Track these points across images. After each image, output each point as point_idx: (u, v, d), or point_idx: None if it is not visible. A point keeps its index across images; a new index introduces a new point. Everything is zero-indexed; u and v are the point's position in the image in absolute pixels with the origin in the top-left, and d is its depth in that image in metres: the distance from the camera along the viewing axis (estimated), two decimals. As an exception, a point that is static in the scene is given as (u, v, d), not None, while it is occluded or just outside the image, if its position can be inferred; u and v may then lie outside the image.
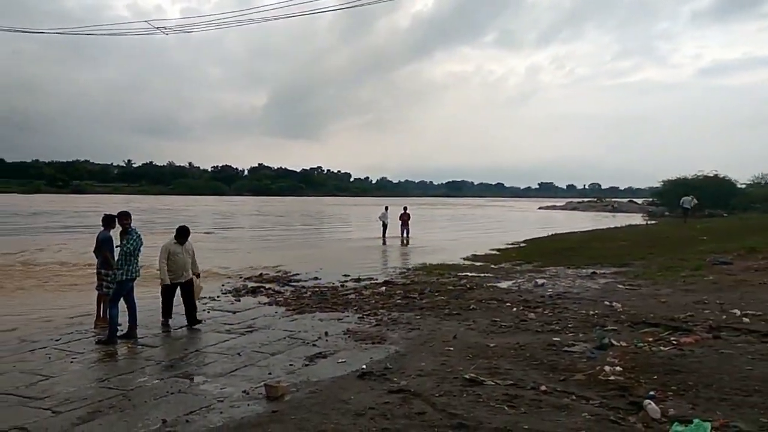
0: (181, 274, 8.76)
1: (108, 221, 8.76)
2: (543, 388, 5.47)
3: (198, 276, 9.21)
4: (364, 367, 6.33)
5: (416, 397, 5.27)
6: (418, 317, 9.14)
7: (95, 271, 8.88)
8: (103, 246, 8.60)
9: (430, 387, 5.55)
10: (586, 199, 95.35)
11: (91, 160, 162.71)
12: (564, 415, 4.77)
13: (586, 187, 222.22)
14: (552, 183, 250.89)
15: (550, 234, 29.00)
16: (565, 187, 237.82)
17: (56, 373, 6.29)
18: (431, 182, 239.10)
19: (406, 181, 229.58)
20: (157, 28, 19.77)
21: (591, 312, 9.25)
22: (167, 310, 8.86)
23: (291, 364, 6.59)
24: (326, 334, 8.04)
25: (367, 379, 5.91)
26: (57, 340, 7.68)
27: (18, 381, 5.95)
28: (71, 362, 6.75)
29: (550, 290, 11.75)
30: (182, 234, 8.83)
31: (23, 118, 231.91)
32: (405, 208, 26.58)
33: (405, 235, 26.11)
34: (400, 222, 26.37)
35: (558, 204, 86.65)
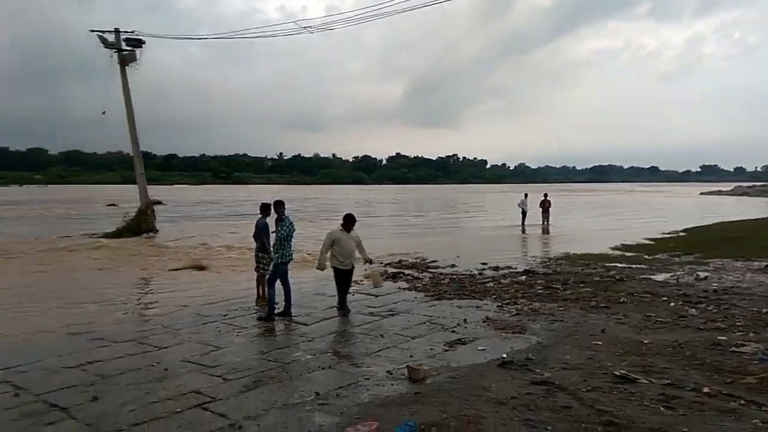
0: (346, 261, 8.83)
1: (265, 209, 9.56)
2: (706, 390, 5.01)
3: (370, 262, 9.53)
4: (504, 356, 6.26)
5: (561, 390, 5.11)
6: (562, 309, 8.79)
7: (254, 254, 9.75)
8: (260, 232, 9.42)
9: (576, 381, 5.34)
10: (758, 184, 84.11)
11: (248, 154, 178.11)
12: (731, 420, 4.34)
13: (758, 169, 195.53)
14: (716, 166, 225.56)
15: (714, 222, 26.11)
16: (732, 170, 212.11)
17: (225, 344, 7.05)
18: (574, 167, 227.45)
19: (546, 166, 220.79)
20: (304, 27, 21.05)
21: (764, 309, 8.22)
22: (340, 295, 9.00)
23: (431, 349, 6.73)
24: (465, 321, 8.07)
25: (507, 369, 5.85)
26: (224, 316, 8.61)
27: (194, 350, 6.78)
28: (237, 336, 7.53)
29: (715, 284, 10.62)
30: (349, 221, 8.87)
31: (192, 118, 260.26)
32: (545, 195, 25.55)
33: (545, 222, 25.13)
34: (540, 209, 25.44)
35: (724, 189, 77.58)
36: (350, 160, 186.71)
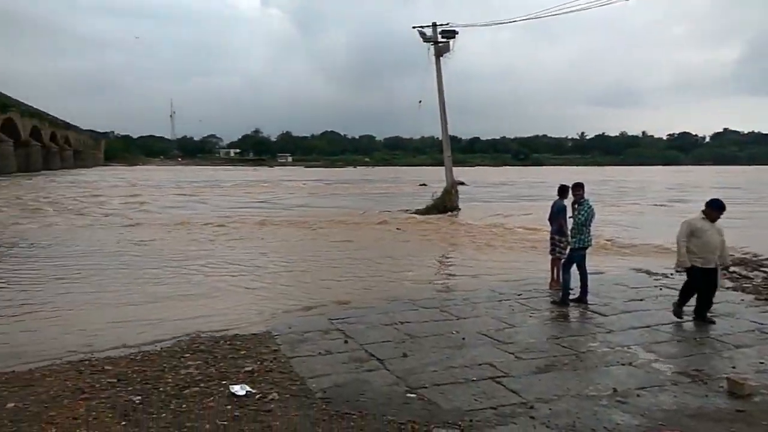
0: (708, 258, 7.07)
1: (562, 191, 9.31)
2: None
3: (726, 269, 8.08)
4: None
5: None
6: None
7: (549, 236, 9.62)
8: (557, 214, 9.22)
9: None
10: None
11: (548, 135, 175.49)
12: None
13: None
14: None
15: None
16: None
17: (518, 323, 7.18)
18: None
19: None
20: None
21: None
22: (683, 299, 7.41)
23: (761, 362, 5.63)
24: (816, 336, 6.47)
25: None
26: (518, 295, 8.75)
27: (489, 325, 7.08)
28: (530, 317, 7.58)
29: None
30: (715, 207, 7.13)
31: (495, 101, 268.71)
32: None
33: None
34: None
35: None
36: (663, 138, 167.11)
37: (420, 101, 25.39)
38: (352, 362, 5.67)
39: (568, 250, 8.76)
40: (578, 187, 8.63)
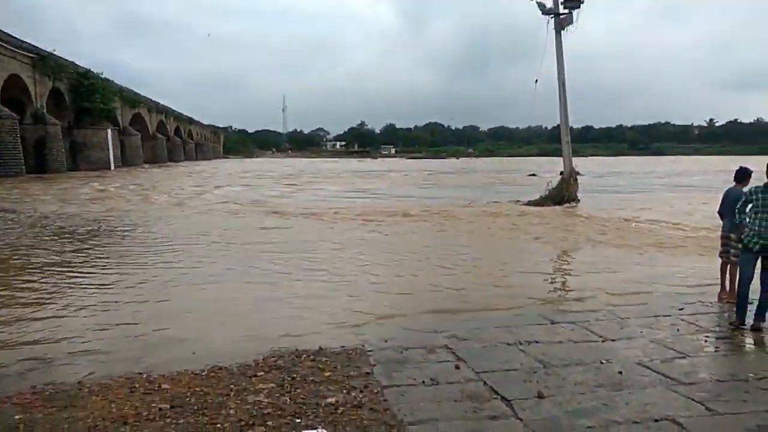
0: None
1: (742, 175, 7.18)
2: None
3: None
4: None
5: None
6: None
7: (720, 235, 7.48)
8: (732, 206, 7.07)
9: None
10: None
11: (671, 122, 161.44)
12: None
13: None
14: None
15: None
16: None
17: (690, 352, 5.30)
18: None
19: None
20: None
21: None
22: None
23: None
24: None
25: None
26: (680, 310, 6.76)
27: (650, 352, 5.26)
28: (704, 342, 5.65)
29: None
30: None
31: (611, 87, 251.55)
32: None
33: None
34: None
35: None
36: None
37: (536, 80, 22.99)
38: (468, 400, 4.18)
39: (741, 254, 6.64)
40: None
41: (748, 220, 6.32)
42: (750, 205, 6.27)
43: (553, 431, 3.68)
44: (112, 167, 51.93)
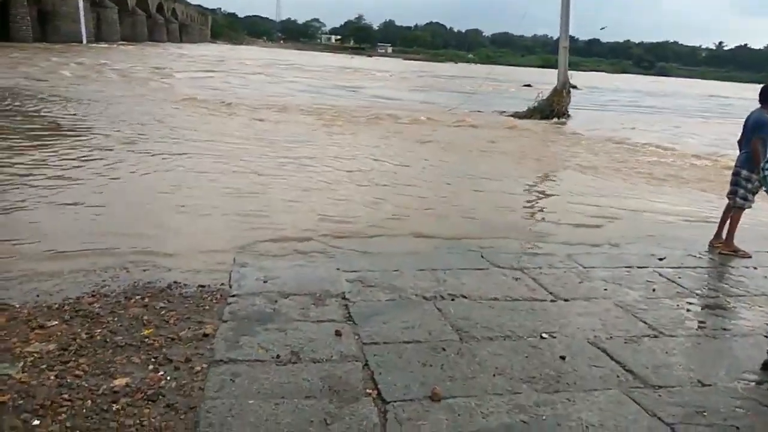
0: None
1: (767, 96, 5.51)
2: None
3: None
4: None
5: None
6: None
7: (733, 171, 5.91)
8: (757, 132, 5.46)
9: None
10: None
11: (679, 42, 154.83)
12: None
13: None
14: None
15: None
16: None
17: (667, 326, 3.90)
18: None
19: None
20: None
21: None
22: None
23: None
24: None
25: None
26: (661, 260, 5.32)
27: (612, 324, 3.86)
28: (686, 311, 4.23)
29: None
30: None
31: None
32: None
33: None
34: None
35: None
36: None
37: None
38: (325, 398, 2.77)
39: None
40: None
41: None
42: None
43: None
44: (84, 41, 48.12)
